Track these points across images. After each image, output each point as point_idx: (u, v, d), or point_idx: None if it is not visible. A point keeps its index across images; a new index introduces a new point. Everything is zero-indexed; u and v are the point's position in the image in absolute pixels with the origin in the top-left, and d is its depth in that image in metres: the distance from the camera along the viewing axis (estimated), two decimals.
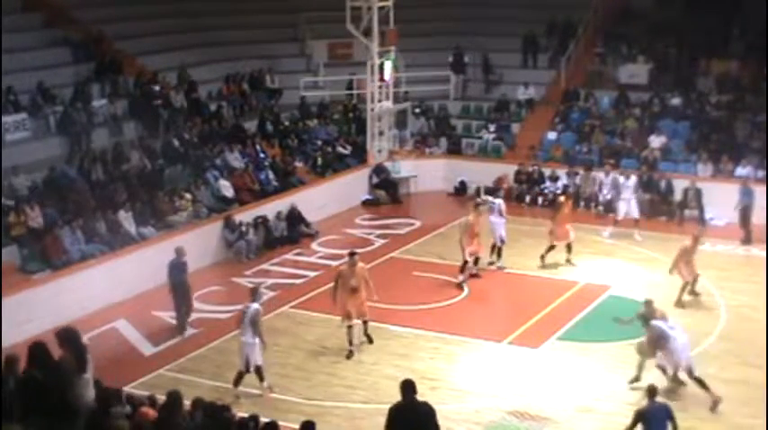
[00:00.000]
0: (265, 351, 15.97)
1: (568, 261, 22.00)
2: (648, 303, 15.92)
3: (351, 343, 17.52)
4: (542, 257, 21.91)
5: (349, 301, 17.45)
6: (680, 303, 19.35)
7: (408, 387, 10.93)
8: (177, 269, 18.79)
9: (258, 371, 15.83)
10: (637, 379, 15.77)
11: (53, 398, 9.51)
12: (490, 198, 23.18)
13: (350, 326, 17.50)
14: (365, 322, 17.87)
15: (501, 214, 22.00)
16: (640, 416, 12.26)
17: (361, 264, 17.88)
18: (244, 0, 32.79)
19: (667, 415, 12.10)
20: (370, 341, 17.90)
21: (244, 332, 15.74)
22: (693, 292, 19.84)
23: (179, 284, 18.80)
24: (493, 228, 21.97)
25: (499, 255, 22.06)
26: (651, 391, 12.41)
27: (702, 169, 26.18)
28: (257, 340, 15.71)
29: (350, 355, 17.45)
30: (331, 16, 29.41)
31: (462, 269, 20.81)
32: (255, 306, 15.81)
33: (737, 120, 27.47)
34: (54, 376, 9.68)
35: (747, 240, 23.40)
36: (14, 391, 9.55)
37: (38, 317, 18.60)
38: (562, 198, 23.04)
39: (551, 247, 21.92)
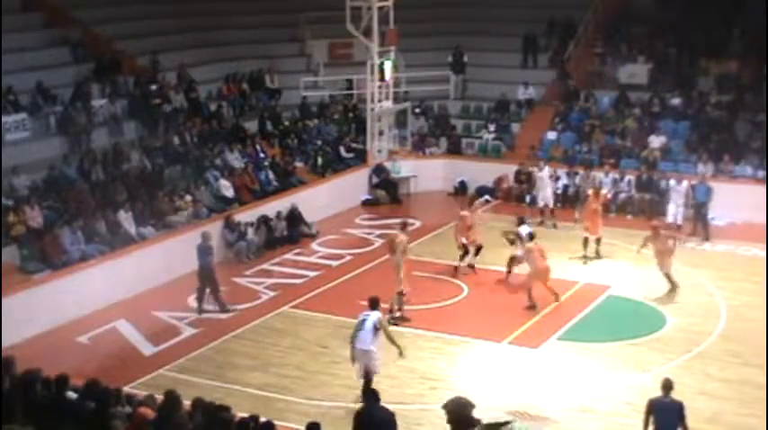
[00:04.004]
0: (404, 357, 15.36)
1: (596, 253, 22.38)
2: None
3: (401, 309, 18.80)
4: (584, 257, 22.28)
5: (405, 267, 18.83)
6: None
7: (371, 394, 12.20)
8: (203, 252, 19.51)
9: (369, 381, 14.96)
10: None
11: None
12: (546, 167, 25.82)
13: (402, 293, 18.73)
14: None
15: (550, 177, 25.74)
16: (649, 406, 12.37)
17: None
18: (244, 0, 32.81)
19: (678, 412, 12.13)
20: None
21: (362, 341, 14.93)
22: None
23: (204, 267, 19.46)
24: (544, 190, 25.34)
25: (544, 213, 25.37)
26: (665, 385, 12.43)
27: (703, 169, 26.16)
28: (375, 348, 15.04)
29: (407, 320, 18.66)
30: (331, 16, 29.37)
31: (462, 257, 21.44)
32: (378, 314, 15.11)
33: (737, 120, 27.48)
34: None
35: (706, 237, 23.76)
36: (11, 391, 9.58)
37: (38, 317, 18.65)
38: (590, 192, 23.32)
39: (586, 240, 22.33)
